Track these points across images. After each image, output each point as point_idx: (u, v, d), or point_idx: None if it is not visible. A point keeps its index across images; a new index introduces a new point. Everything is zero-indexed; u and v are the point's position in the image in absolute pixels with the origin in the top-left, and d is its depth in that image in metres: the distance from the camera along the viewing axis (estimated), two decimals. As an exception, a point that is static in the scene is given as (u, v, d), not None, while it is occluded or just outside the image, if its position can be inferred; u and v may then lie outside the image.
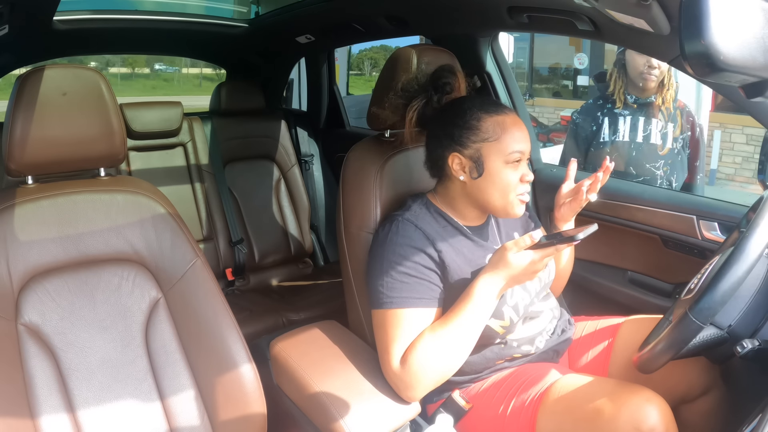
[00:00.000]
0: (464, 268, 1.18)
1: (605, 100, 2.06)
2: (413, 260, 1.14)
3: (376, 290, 1.16)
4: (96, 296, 1.11)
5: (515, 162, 1.16)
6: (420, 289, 1.14)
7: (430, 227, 1.20)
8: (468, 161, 1.18)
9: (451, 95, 1.26)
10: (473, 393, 1.23)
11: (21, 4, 1.39)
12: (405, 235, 1.17)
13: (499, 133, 1.16)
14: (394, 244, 1.16)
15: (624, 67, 2.01)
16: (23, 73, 1.09)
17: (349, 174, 1.38)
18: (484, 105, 1.19)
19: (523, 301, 1.22)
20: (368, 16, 1.96)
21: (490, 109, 1.18)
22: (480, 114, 1.18)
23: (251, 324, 1.93)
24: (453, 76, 1.27)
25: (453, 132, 1.19)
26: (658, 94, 1.99)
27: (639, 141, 2.00)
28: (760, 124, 1.16)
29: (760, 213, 0.92)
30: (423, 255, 1.15)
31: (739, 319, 0.95)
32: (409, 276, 1.14)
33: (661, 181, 2.00)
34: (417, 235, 1.17)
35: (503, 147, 1.16)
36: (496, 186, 1.17)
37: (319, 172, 2.88)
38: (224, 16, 2.56)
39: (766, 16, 0.68)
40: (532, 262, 1.05)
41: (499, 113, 1.18)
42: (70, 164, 1.12)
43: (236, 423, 1.12)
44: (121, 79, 13.11)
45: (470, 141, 1.17)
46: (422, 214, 1.22)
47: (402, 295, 1.13)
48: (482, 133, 1.17)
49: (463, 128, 1.18)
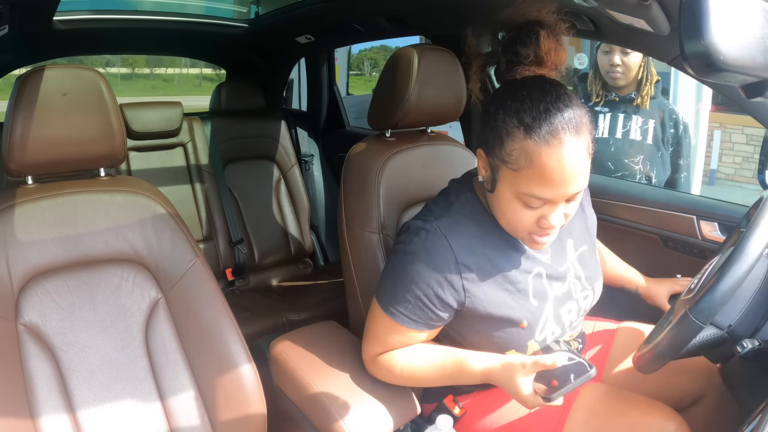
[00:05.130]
0: (495, 284, 1.04)
1: (586, 99, 2.12)
2: (429, 282, 1.01)
3: (384, 287, 1.09)
4: (96, 296, 1.11)
5: (532, 206, 0.94)
6: (420, 314, 1.05)
7: (466, 237, 1.03)
8: (488, 168, 0.99)
9: (528, 68, 0.97)
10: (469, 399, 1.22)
11: (21, 4, 1.39)
12: (431, 250, 1.01)
13: (522, 164, 0.90)
14: (416, 256, 1.02)
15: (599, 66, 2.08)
16: (23, 73, 1.09)
17: (350, 174, 1.38)
18: (527, 114, 0.89)
19: (553, 335, 1.11)
20: (368, 16, 1.96)
21: (531, 126, 0.88)
22: (512, 126, 0.90)
23: (251, 324, 1.93)
24: (535, 41, 0.96)
25: (485, 126, 0.97)
26: (638, 92, 2.01)
27: (618, 137, 2.04)
28: (760, 124, 1.16)
29: (760, 213, 0.91)
30: (442, 280, 1.01)
31: (739, 319, 0.95)
32: (417, 298, 1.03)
33: (641, 177, 2.02)
34: (445, 254, 1.01)
35: (519, 183, 0.92)
36: (504, 214, 0.99)
37: (319, 172, 2.88)
38: (224, 16, 2.56)
39: (766, 16, 0.68)
40: (524, 398, 0.96)
41: (541, 139, 0.88)
42: (70, 164, 1.12)
43: (236, 423, 1.12)
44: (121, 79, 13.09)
45: (493, 150, 0.95)
46: (462, 218, 1.04)
47: (401, 311, 1.05)
48: (504, 153, 0.92)
49: (491, 131, 0.95)
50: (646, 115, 2.03)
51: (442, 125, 1.54)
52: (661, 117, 2.04)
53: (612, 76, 2.02)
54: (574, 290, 1.15)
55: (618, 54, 1.98)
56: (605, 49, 2.02)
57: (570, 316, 1.13)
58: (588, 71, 2.15)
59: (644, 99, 2.02)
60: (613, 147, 2.03)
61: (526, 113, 0.90)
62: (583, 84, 2.17)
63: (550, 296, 1.10)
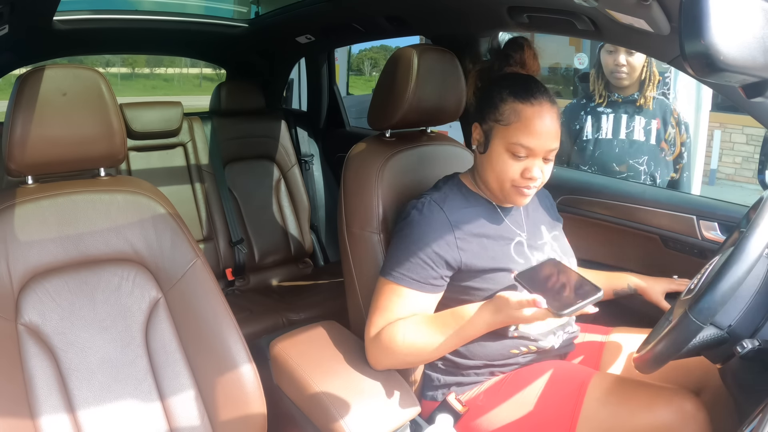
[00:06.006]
0: (484, 243, 1.19)
1: (588, 99, 2.09)
2: (427, 242, 1.16)
3: (388, 260, 1.20)
4: (96, 296, 1.11)
5: (518, 155, 1.15)
6: (423, 273, 1.16)
7: (456, 208, 1.21)
8: (482, 135, 1.20)
9: (514, 68, 1.25)
10: (470, 397, 1.22)
11: (21, 4, 1.39)
12: (427, 215, 1.19)
13: (512, 119, 1.15)
14: (415, 222, 1.19)
15: (601, 66, 2.06)
16: (23, 73, 1.09)
17: (350, 174, 1.38)
18: (516, 87, 1.17)
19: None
20: (368, 16, 1.96)
21: (519, 93, 1.16)
22: (505, 94, 1.16)
23: (251, 324, 1.93)
24: (520, 49, 1.26)
25: (481, 103, 1.21)
26: (640, 92, 2.01)
27: (622, 138, 2.02)
28: (760, 124, 1.16)
29: (760, 213, 0.91)
30: (439, 239, 1.16)
31: (739, 319, 0.95)
32: (418, 257, 1.16)
33: (645, 177, 2.01)
34: (439, 217, 1.18)
35: (509, 135, 1.15)
36: (493, 169, 1.18)
37: (319, 172, 2.88)
38: (224, 16, 2.56)
39: (766, 16, 0.68)
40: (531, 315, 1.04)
41: (526, 101, 1.14)
42: (70, 164, 1.12)
43: (236, 423, 1.12)
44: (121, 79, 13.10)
45: (488, 116, 1.19)
46: (451, 194, 1.23)
47: (404, 273, 1.16)
48: (497, 114, 1.17)
49: (488, 102, 1.19)
50: (649, 115, 2.02)
51: (442, 125, 1.54)
52: (661, 117, 2.04)
53: (616, 76, 1.99)
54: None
55: (623, 54, 1.95)
56: (609, 49, 2.00)
57: None
58: (588, 71, 2.14)
59: (647, 99, 2.01)
60: (618, 148, 2.01)
61: (515, 86, 1.17)
62: (585, 84, 2.15)
63: (534, 261, 1.22)
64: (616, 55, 1.97)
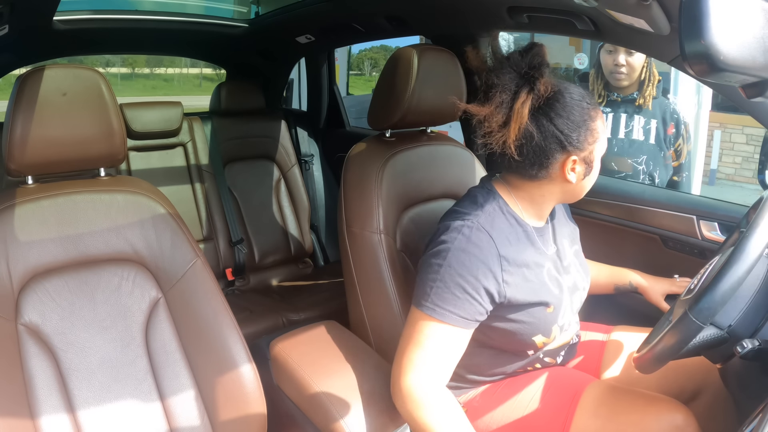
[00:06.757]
0: (525, 275, 1.10)
1: None
2: (475, 275, 1.04)
3: (424, 290, 1.06)
4: (96, 296, 1.11)
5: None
6: (469, 308, 1.04)
7: (503, 233, 1.09)
8: (582, 163, 1.09)
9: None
10: (467, 399, 1.22)
11: (21, 4, 1.39)
12: (477, 244, 1.06)
13: (602, 127, 1.09)
14: (461, 251, 1.05)
15: (601, 66, 2.06)
16: (23, 73, 1.09)
17: (350, 174, 1.38)
18: (585, 95, 1.09)
19: (570, 323, 1.20)
20: (368, 16, 1.96)
21: (591, 99, 1.09)
22: (590, 111, 1.07)
23: (251, 324, 1.93)
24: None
25: (570, 132, 1.05)
26: (640, 92, 2.01)
27: (621, 137, 2.03)
28: (760, 124, 1.16)
29: (760, 213, 0.91)
30: (487, 271, 1.05)
31: (739, 319, 0.95)
32: (464, 291, 1.04)
33: (644, 177, 2.01)
34: (488, 246, 1.06)
35: (604, 139, 1.11)
36: (594, 176, 1.13)
37: (319, 172, 2.88)
38: (224, 16, 2.55)
39: (766, 16, 0.68)
40: None
41: (593, 101, 1.09)
42: (70, 164, 1.12)
43: (236, 423, 1.12)
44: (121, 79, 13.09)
45: (587, 143, 1.07)
46: (497, 216, 1.11)
47: (449, 308, 1.03)
48: (596, 133, 1.08)
49: (582, 128, 1.06)
50: (648, 115, 2.02)
51: (442, 125, 1.54)
52: (662, 116, 2.04)
53: (616, 76, 2.00)
54: (579, 280, 1.23)
55: (623, 54, 1.96)
56: (609, 48, 2.00)
57: (578, 305, 1.23)
58: (588, 71, 2.14)
59: (647, 99, 2.01)
60: (616, 147, 2.02)
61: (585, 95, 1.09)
62: (584, 84, 2.15)
63: (564, 286, 1.18)
64: (616, 55, 1.98)
